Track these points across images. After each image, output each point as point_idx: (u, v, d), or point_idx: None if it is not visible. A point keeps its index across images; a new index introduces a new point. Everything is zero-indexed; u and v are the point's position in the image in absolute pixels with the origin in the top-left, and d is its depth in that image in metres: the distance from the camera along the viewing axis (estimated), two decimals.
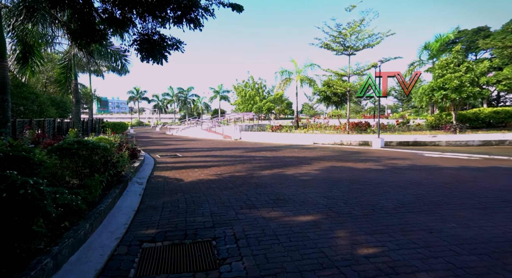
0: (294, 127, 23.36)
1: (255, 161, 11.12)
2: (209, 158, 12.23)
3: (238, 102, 53.59)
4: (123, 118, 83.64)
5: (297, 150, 15.15)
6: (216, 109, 73.42)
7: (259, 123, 27.10)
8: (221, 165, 10.25)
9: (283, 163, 10.64)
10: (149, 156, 12.46)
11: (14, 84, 12.74)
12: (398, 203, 5.41)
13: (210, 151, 14.84)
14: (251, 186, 6.90)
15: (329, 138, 18.38)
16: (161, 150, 15.67)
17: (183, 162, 10.94)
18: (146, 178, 7.59)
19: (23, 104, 16.84)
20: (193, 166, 9.92)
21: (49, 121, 13.34)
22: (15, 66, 9.82)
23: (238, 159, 11.88)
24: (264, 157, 12.34)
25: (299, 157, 12.45)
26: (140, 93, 79.19)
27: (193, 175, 8.37)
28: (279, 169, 9.33)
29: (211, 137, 26.36)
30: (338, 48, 18.73)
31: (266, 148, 16.75)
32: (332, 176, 8.01)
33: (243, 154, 13.50)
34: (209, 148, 16.97)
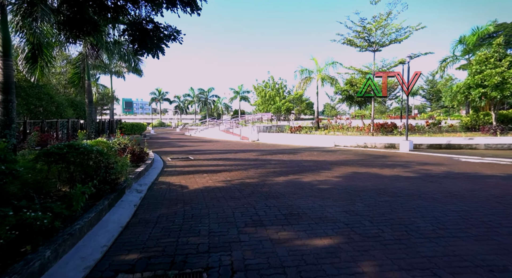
0: (314, 128, 22.28)
1: (270, 165, 10.30)
2: (221, 161, 11.55)
3: (258, 102, 52.86)
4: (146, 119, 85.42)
5: (316, 153, 14.17)
6: (236, 110, 73.19)
7: (277, 124, 26.22)
8: (232, 169, 9.52)
9: (300, 168, 9.75)
10: (159, 158, 11.96)
11: (29, 84, 12.70)
12: (438, 223, 4.41)
13: (224, 154, 14.18)
14: (261, 196, 6.10)
15: (352, 140, 17.21)
16: (174, 152, 15.20)
17: (193, 166, 10.31)
18: (148, 184, 6.98)
19: (42, 106, 17.00)
20: (202, 171, 9.25)
21: (62, 122, 13.24)
22: (24, 66, 9.58)
23: (252, 162, 11.11)
24: (280, 161, 11.49)
25: (318, 161, 11.49)
26: (162, 95, 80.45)
27: (200, 181, 7.68)
28: (295, 175, 8.45)
29: (228, 138, 25.79)
30: (362, 44, 17.52)
31: (283, 150, 15.87)
32: (355, 185, 7.04)
33: (258, 157, 12.71)
34: (224, 150, 16.33)
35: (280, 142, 20.99)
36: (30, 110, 16.36)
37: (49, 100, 15.24)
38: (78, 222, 3.65)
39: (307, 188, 6.82)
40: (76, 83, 13.59)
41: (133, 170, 7.72)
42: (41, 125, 10.91)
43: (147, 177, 7.79)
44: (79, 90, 14.42)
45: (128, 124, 26.01)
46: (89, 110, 13.17)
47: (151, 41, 4.56)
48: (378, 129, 18.37)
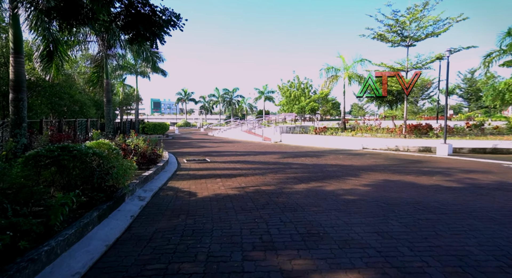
0: (341, 129, 21.02)
1: (290, 170, 9.44)
2: (239, 164, 10.84)
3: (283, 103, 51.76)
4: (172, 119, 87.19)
5: (342, 156, 13.09)
6: (261, 110, 72.64)
7: (301, 125, 25.18)
8: (249, 174, 8.77)
9: (324, 173, 8.81)
10: (175, 160, 11.48)
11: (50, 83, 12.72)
12: (504, 256, 3.39)
13: (243, 156, 13.48)
14: (276, 208, 5.29)
15: (382, 142, 15.89)
16: (192, 153, 14.73)
17: (208, 169, 9.69)
18: (154, 190, 6.39)
19: (65, 105, 17.22)
20: (216, 175, 8.58)
21: (80, 121, 13.19)
22: (40, 64, 9.44)
23: (271, 166, 10.31)
24: (302, 165, 10.58)
25: (345, 165, 10.46)
26: (188, 95, 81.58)
27: (211, 187, 7.00)
28: (317, 182, 7.55)
29: (250, 139, 25.13)
30: (394, 39, 16.11)
31: (306, 153, 14.90)
32: (388, 196, 6.04)
33: (278, 160, 11.88)
34: (244, 151, 15.64)
35: (303, 143, 19.99)
36: (55, 109, 16.61)
37: (70, 99, 15.33)
38: (49, 242, 3.06)
39: (331, 198, 5.91)
40: (95, 82, 13.51)
41: (140, 174, 7.19)
42: (58, 124, 10.81)
43: (155, 181, 7.23)
44: (98, 89, 14.37)
45: (150, 124, 26.10)
46: (107, 109, 13.01)
47: (147, 27, 3.93)
48: (411, 131, 16.86)
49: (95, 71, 13.43)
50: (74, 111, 17.62)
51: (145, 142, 11.98)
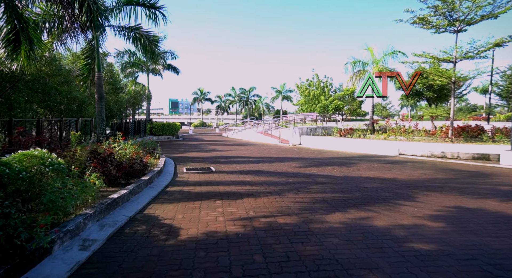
0: (370, 131, 18.43)
1: (316, 187, 7.15)
2: (250, 176, 8.65)
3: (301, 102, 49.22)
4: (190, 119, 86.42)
5: (378, 165, 10.63)
6: (278, 110, 70.39)
7: (323, 125, 22.70)
8: (261, 192, 6.55)
9: (363, 193, 6.46)
10: (172, 169, 9.42)
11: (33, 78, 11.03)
12: None
13: (256, 163, 11.27)
14: (301, 268, 3.07)
15: (423, 147, 13.25)
16: (197, 159, 12.68)
17: (210, 184, 7.54)
18: (118, 224, 4.29)
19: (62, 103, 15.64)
20: (218, 194, 6.42)
21: (69, 121, 11.46)
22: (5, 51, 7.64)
23: (290, 180, 8.04)
24: (330, 178, 8.26)
25: (386, 179, 8.05)
26: (204, 94, 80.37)
27: (206, 217, 4.84)
28: (358, 209, 5.24)
29: (266, 141, 22.91)
30: (439, 23, 13.41)
31: (332, 159, 12.51)
32: (485, 245, 3.68)
33: (299, 170, 9.59)
34: (257, 157, 13.43)
35: (326, 147, 17.56)
36: (50, 108, 15.03)
37: (67, 96, 13.65)
38: None
39: (390, 249, 3.62)
40: (86, 76, 11.75)
41: (108, 194, 5.13)
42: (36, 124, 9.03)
43: (128, 206, 5.14)
44: (90, 84, 12.65)
45: (159, 124, 24.34)
46: (99, 107, 11.17)
47: None
48: (459, 134, 14.09)
49: (86, 63, 11.67)
50: (72, 110, 16.02)
51: (139, 146, 10.05)
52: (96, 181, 5.13)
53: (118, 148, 8.34)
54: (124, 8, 11.50)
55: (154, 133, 23.59)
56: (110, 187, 5.91)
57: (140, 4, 11.46)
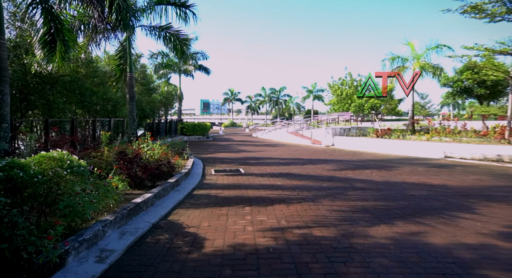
0: (410, 131, 17.08)
1: (355, 193, 6.47)
2: (281, 179, 8.12)
3: (333, 102, 47.77)
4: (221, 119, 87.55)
5: (422, 169, 9.63)
6: (309, 110, 69.03)
7: (357, 125, 21.54)
8: (293, 198, 6.02)
9: (410, 202, 5.70)
10: (200, 171, 9.14)
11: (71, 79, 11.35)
12: None
13: (287, 165, 10.72)
14: None
15: (473, 149, 11.92)
16: (226, 160, 12.37)
17: (238, 187, 7.13)
18: (140, 232, 3.99)
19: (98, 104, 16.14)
20: (247, 199, 5.98)
21: (102, 121, 11.66)
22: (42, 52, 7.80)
23: (325, 184, 7.41)
24: (370, 183, 7.51)
25: (434, 185, 7.15)
26: (234, 95, 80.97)
27: (233, 226, 4.41)
28: (406, 221, 4.54)
29: (297, 142, 22.21)
30: (496, 10, 11.93)
31: (369, 162, 11.62)
32: None
33: (334, 174, 8.90)
34: (289, 159, 12.86)
35: (361, 148, 16.54)
36: (87, 108, 15.57)
37: (102, 97, 14.01)
38: None
39: (455, 275, 2.95)
40: (118, 77, 11.90)
41: (132, 198, 4.87)
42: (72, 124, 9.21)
43: (152, 211, 4.86)
44: (121, 85, 12.85)
45: (189, 124, 24.52)
46: (130, 107, 11.24)
47: None
48: None
49: (119, 63, 11.83)
50: (107, 111, 16.49)
51: (168, 147, 9.93)
52: (119, 184, 4.90)
53: (147, 149, 8.21)
54: (156, 8, 11.50)
55: (184, 133, 23.82)
56: (136, 190, 5.70)
57: (171, 3, 11.40)
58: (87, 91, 12.16)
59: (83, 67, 15.36)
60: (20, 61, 10.30)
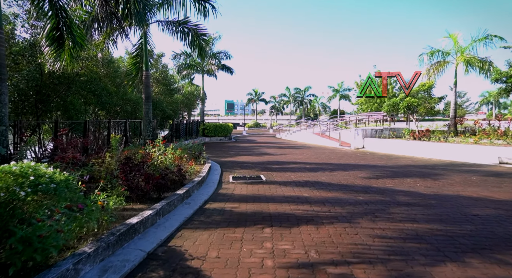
0: (453, 133, 15.27)
1: (399, 211, 5.26)
2: (307, 190, 7.04)
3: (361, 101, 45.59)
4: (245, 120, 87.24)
5: (476, 178, 8.16)
6: (335, 110, 66.87)
7: (390, 126, 19.85)
8: (323, 217, 4.93)
9: (477, 225, 4.43)
10: (217, 177, 8.25)
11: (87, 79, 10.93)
12: None
13: (315, 172, 9.58)
14: None
15: None
16: (247, 164, 11.44)
17: (258, 200, 6.14)
18: (128, 267, 3.11)
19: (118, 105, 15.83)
20: (267, 217, 4.97)
21: (117, 123, 11.13)
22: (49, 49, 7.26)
23: (360, 198, 6.24)
24: (416, 197, 6.24)
25: (502, 201, 5.77)
26: (258, 95, 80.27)
27: (248, 259, 3.43)
28: (482, 258, 3.33)
29: (324, 143, 20.88)
30: None
31: (408, 168, 10.22)
32: None
33: (370, 184, 7.67)
34: (316, 163, 11.70)
35: (396, 151, 15.00)
36: (107, 109, 15.28)
37: (123, 98, 13.58)
38: None
39: None
40: (135, 75, 11.33)
41: (130, 216, 4.03)
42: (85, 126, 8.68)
43: (152, 232, 3.98)
44: (137, 84, 12.35)
45: (211, 125, 23.89)
46: (146, 108, 10.61)
47: None
48: None
49: (135, 61, 11.27)
50: (127, 112, 16.16)
51: (184, 150, 9.16)
52: (112, 200, 4.09)
53: (158, 153, 7.45)
54: (173, 2, 10.80)
55: (206, 134, 23.24)
56: (137, 203, 4.88)
57: None
58: (103, 92, 11.71)
59: (104, 67, 15.11)
60: (36, 61, 9.97)
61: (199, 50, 10.94)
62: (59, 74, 9.66)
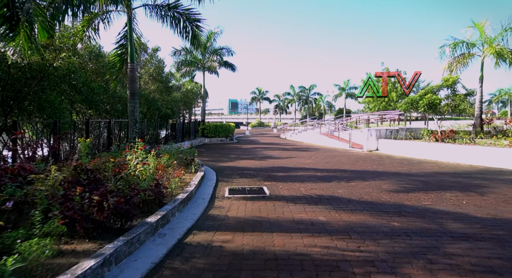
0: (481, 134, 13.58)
1: (459, 248, 3.70)
2: (324, 209, 5.49)
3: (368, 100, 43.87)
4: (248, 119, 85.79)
5: None
6: (341, 109, 65.02)
7: (406, 126, 18.23)
8: (352, 260, 3.38)
9: None
10: (209, 191, 6.71)
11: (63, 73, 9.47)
12: None
13: (328, 182, 8.02)
14: None
15: None
16: (247, 171, 9.93)
17: (258, 227, 4.62)
18: None
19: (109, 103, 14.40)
20: (270, 261, 3.44)
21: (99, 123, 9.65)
22: None
23: (396, 224, 4.68)
24: (470, 222, 4.67)
25: None
26: (262, 94, 78.70)
27: None
28: None
29: (332, 145, 19.30)
30: None
31: (439, 176, 8.63)
32: None
33: (401, 199, 6.10)
34: (327, 170, 10.15)
35: (416, 155, 13.38)
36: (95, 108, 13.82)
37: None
38: None
39: None
40: (119, 68, 9.85)
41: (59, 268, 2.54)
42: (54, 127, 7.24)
43: None
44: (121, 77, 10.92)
45: (211, 125, 22.34)
46: (132, 106, 9.15)
47: None
48: None
49: (121, 52, 9.79)
50: (117, 111, 14.71)
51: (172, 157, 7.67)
52: (34, 246, 2.61)
53: (135, 162, 5.95)
54: None
55: (206, 135, 21.74)
56: (86, 241, 3.39)
57: None
58: (85, 87, 10.23)
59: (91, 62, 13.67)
60: None
61: (192, 38, 9.42)
62: (26, 66, 8.21)
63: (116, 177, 5.12)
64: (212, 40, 28.86)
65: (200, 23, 9.34)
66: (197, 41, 9.60)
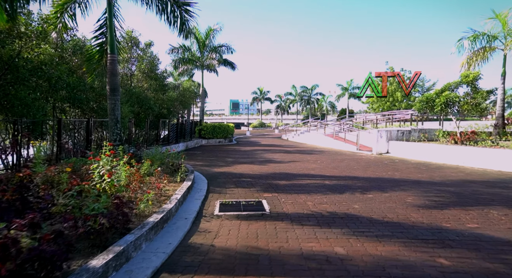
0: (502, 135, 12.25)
1: None
2: (340, 234, 4.23)
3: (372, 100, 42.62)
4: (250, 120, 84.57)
5: None
6: (344, 109, 63.78)
7: (419, 127, 16.93)
8: None
9: None
10: (196, 206, 5.46)
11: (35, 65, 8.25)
12: None
13: (340, 193, 6.75)
14: None
15: None
16: (245, 178, 8.67)
17: (255, 264, 3.38)
18: None
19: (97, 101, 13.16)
20: None
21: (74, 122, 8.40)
22: None
23: (442, 261, 3.40)
24: None
25: None
26: (263, 94, 77.43)
27: None
28: None
29: (338, 147, 18.01)
30: None
31: (468, 185, 7.34)
32: None
33: (436, 220, 4.81)
34: (336, 177, 8.87)
35: (432, 158, 12.09)
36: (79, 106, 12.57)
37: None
38: None
39: None
40: (98, 60, 8.60)
41: None
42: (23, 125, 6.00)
43: None
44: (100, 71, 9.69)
45: (208, 126, 21.04)
46: (112, 103, 7.92)
47: None
48: None
49: (102, 42, 8.54)
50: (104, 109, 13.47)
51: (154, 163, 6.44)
52: None
53: (99, 170, 4.69)
54: None
55: (203, 136, 20.47)
56: None
57: None
58: (59, 82, 8.98)
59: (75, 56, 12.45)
60: None
61: (181, 25, 8.17)
62: None
63: (68, 193, 3.89)
64: (211, 37, 27.69)
65: (190, 8, 8.10)
66: (186, 28, 8.34)
